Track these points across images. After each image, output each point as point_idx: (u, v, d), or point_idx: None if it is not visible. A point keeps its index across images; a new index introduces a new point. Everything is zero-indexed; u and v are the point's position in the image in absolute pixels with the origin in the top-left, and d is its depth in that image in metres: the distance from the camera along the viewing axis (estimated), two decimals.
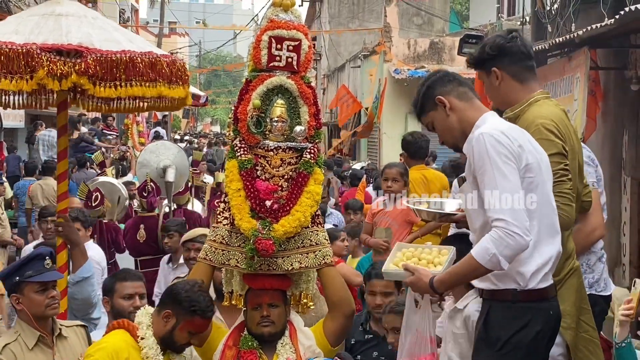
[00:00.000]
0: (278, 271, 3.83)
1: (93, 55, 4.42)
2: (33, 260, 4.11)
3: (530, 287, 3.21)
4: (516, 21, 15.51)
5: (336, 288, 3.92)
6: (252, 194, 3.82)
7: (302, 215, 3.80)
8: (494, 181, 3.13)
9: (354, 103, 20.19)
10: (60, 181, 5.11)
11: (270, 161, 3.90)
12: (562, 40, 8.00)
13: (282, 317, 3.86)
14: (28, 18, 4.78)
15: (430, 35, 22.67)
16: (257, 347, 3.80)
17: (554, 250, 3.29)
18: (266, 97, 3.90)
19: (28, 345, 4.02)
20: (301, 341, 3.86)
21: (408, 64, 19.40)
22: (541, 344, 3.25)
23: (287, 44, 3.91)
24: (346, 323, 3.95)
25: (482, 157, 3.18)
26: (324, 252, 3.89)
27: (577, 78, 7.84)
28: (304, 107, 3.93)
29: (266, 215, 3.81)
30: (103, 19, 5.13)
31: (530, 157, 3.23)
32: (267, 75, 3.92)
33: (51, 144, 16.42)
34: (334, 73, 29.06)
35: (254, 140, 3.89)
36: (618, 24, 6.47)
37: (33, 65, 4.33)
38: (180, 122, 41.46)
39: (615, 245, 8.30)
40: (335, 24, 29.10)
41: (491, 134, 3.18)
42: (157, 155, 10.00)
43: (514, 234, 3.05)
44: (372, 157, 20.44)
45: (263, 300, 3.83)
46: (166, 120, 28.84)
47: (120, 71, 4.46)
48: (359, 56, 22.48)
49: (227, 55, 62.15)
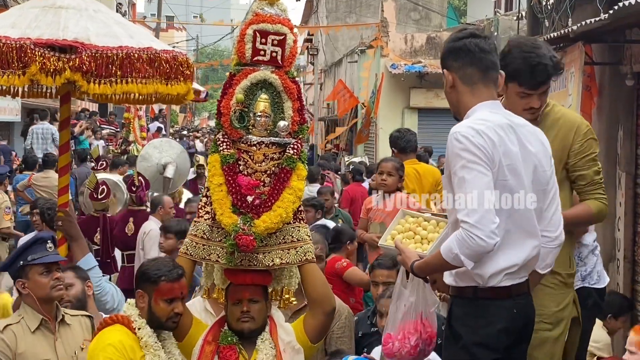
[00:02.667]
0: (259, 267, 3.81)
1: (88, 51, 4.41)
2: (35, 244, 4.17)
3: (491, 285, 3.20)
4: (513, 16, 15.51)
5: (316, 285, 3.87)
6: (233, 189, 3.79)
7: (284, 211, 3.76)
8: (463, 182, 3.11)
9: (351, 98, 20.19)
10: (62, 175, 5.12)
11: (252, 156, 3.86)
12: (557, 36, 8.00)
13: (262, 313, 3.84)
14: (29, 10, 4.76)
15: (427, 30, 22.65)
16: (237, 342, 3.79)
17: (523, 255, 3.24)
18: (250, 92, 3.86)
19: (30, 328, 4.06)
20: (281, 337, 3.84)
21: (405, 58, 19.39)
22: (502, 342, 3.21)
23: (272, 38, 3.87)
24: (326, 320, 3.92)
25: (453, 157, 3.16)
26: (305, 249, 3.85)
27: (571, 73, 7.84)
28: (287, 102, 3.89)
29: (247, 210, 3.77)
30: (105, 11, 5.08)
31: (506, 159, 3.18)
32: (251, 70, 3.88)
33: (45, 137, 16.41)
34: (331, 68, 29.04)
35: (236, 134, 3.85)
36: (612, 19, 6.46)
37: (26, 60, 4.32)
38: (178, 117, 41.45)
39: (609, 240, 8.31)
40: (333, 19, 29.09)
41: (464, 133, 3.14)
42: (160, 152, 10.08)
43: (475, 237, 3.04)
44: (368, 152, 20.44)
45: (243, 295, 3.81)
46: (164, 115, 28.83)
47: (115, 67, 4.44)
48: (356, 51, 22.46)
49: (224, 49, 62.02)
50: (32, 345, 4.03)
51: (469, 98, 3.32)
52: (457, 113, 3.41)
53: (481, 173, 3.10)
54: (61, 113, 5.14)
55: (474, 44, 3.33)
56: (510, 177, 3.19)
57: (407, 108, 19.01)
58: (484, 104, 3.30)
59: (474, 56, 3.32)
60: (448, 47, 3.39)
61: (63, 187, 5.09)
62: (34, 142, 16.37)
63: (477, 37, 3.37)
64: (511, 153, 3.20)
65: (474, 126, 3.17)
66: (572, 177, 3.71)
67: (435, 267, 3.28)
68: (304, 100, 4.02)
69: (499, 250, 3.16)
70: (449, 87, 3.37)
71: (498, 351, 3.21)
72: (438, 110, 17.35)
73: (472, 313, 3.23)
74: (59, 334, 4.14)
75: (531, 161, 3.28)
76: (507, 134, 3.22)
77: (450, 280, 3.33)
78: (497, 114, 3.30)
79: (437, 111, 17.62)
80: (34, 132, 16.51)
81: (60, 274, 4.18)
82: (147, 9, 56.21)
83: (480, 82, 3.32)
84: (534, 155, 3.29)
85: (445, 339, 3.37)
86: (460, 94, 3.35)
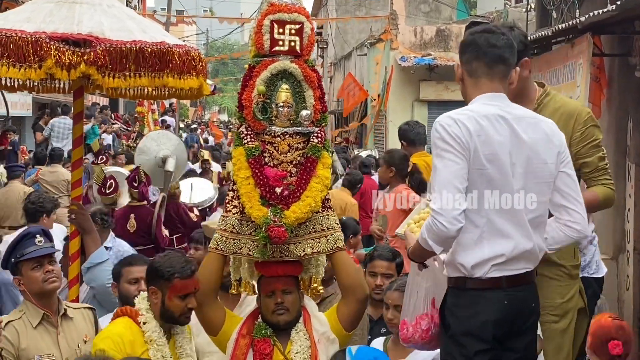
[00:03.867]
0: (290, 257, 3.80)
1: (102, 45, 4.44)
2: (23, 239, 4.17)
3: (479, 276, 3.25)
4: (522, 8, 15.47)
5: (348, 273, 3.87)
6: (261, 181, 3.77)
7: (313, 200, 3.76)
8: (435, 170, 3.25)
9: (360, 91, 20.17)
10: (75, 169, 5.16)
11: (277, 147, 3.85)
12: (565, 27, 7.99)
13: (296, 304, 3.84)
14: (43, 5, 4.79)
15: (437, 23, 22.60)
16: (271, 335, 3.78)
17: (510, 246, 3.26)
18: (270, 83, 3.84)
19: (32, 324, 4.08)
20: (315, 327, 3.84)
21: (414, 51, 19.36)
22: (489, 332, 3.24)
23: (289, 28, 3.85)
24: (360, 307, 3.91)
25: (432, 146, 3.29)
26: (335, 237, 3.85)
27: (579, 64, 7.83)
28: (309, 90, 3.88)
29: (277, 202, 3.77)
30: (119, 6, 5.13)
31: (485, 148, 3.21)
32: (270, 61, 3.86)
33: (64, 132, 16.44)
34: (340, 61, 29.02)
35: (260, 126, 3.84)
36: (620, 10, 6.45)
37: (42, 54, 4.36)
38: (188, 111, 41.53)
39: (619, 231, 8.30)
40: (342, 12, 29.05)
41: (442, 122, 3.26)
42: (158, 144, 9.96)
43: (438, 223, 3.16)
44: (378, 145, 20.43)
45: (276, 287, 3.81)
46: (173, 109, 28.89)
47: (129, 61, 4.48)
48: (366, 44, 22.44)
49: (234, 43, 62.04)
50: (34, 341, 4.04)
51: (472, 90, 3.42)
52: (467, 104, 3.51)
53: (451, 161, 3.20)
54: (75, 107, 5.18)
55: (484, 39, 3.39)
56: (490, 166, 3.23)
57: (417, 101, 18.98)
58: (482, 96, 3.37)
59: (480, 50, 3.39)
60: (463, 40, 3.52)
61: (76, 180, 5.13)
62: (53, 135, 16.38)
63: (490, 32, 3.43)
64: (493, 142, 3.24)
65: (453, 116, 3.28)
66: (577, 165, 3.68)
67: (419, 252, 3.37)
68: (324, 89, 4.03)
69: (484, 240, 3.24)
70: (459, 79, 3.49)
71: (486, 341, 3.24)
72: (448, 102, 17.29)
73: (461, 303, 3.29)
74: (62, 327, 4.16)
75: (524, 152, 3.30)
76: (493, 123, 3.27)
77: (445, 271, 3.41)
78: (490, 105, 3.34)
79: (447, 104, 17.54)
80: (54, 126, 16.51)
81: (53, 266, 4.16)
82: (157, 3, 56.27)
83: (484, 75, 3.39)
84: (528, 145, 3.31)
85: (440, 328, 3.45)
86: (466, 87, 3.46)
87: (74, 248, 5.05)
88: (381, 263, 4.87)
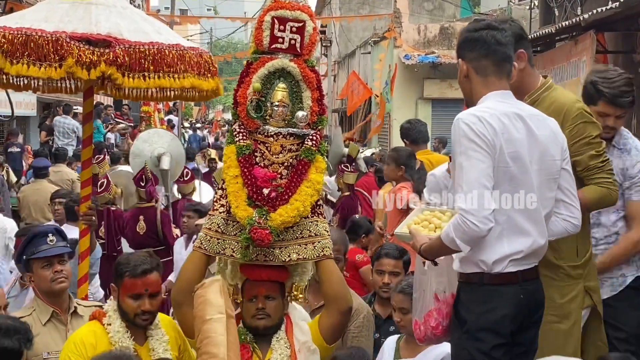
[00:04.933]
0: (275, 262, 3.64)
1: (121, 45, 4.45)
2: (35, 238, 4.20)
3: (497, 271, 3.25)
4: (525, 6, 15.46)
5: (332, 282, 3.67)
6: (249, 181, 3.64)
7: (302, 204, 3.61)
8: (460, 168, 3.19)
9: (364, 90, 20.18)
10: (84, 168, 5.17)
11: (269, 147, 3.70)
12: (569, 24, 8.00)
13: (278, 310, 3.67)
14: (58, 5, 4.78)
15: (440, 21, 22.61)
16: (251, 341, 3.63)
17: (529, 242, 3.28)
18: (267, 81, 3.70)
19: (41, 321, 4.10)
20: (296, 336, 3.66)
21: (418, 49, 19.37)
22: (507, 327, 3.25)
23: (291, 25, 3.71)
24: (341, 320, 3.71)
25: (455, 143, 3.24)
26: (323, 244, 3.67)
27: (583, 62, 7.83)
28: (306, 91, 3.72)
29: (263, 203, 3.62)
30: (132, 8, 5.17)
31: (508, 146, 3.21)
32: (269, 58, 3.72)
33: (65, 131, 16.50)
34: (344, 59, 29.03)
35: (253, 125, 3.70)
36: (624, 7, 6.46)
37: (62, 53, 4.37)
38: (192, 110, 41.56)
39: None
40: (346, 10, 29.06)
41: (465, 120, 3.20)
42: (150, 144, 9.75)
43: (468, 222, 3.11)
44: (382, 143, 20.44)
45: (259, 291, 3.65)
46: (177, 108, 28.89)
47: (148, 62, 4.49)
48: (369, 42, 22.44)
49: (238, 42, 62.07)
50: (43, 338, 4.03)
51: (480, 88, 3.37)
52: (470, 102, 3.47)
53: (479, 160, 3.16)
54: (84, 107, 5.20)
55: (491, 36, 3.37)
56: (513, 165, 3.23)
57: (421, 99, 19.00)
58: (494, 94, 3.35)
59: (489, 48, 3.37)
60: (465, 37, 3.44)
61: (86, 179, 5.15)
62: (56, 135, 16.42)
63: (495, 29, 3.41)
64: (515, 140, 3.25)
65: (476, 113, 3.23)
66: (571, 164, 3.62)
67: (438, 250, 3.33)
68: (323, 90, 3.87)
69: (503, 237, 3.23)
70: (463, 76, 3.42)
71: (503, 336, 3.25)
72: (452, 100, 17.31)
73: (478, 299, 3.27)
74: (71, 325, 4.16)
75: (538, 149, 3.31)
76: (512, 121, 3.27)
77: (457, 267, 3.38)
78: (504, 102, 3.34)
79: (450, 101, 17.59)
80: (56, 126, 16.54)
81: (62, 266, 4.18)
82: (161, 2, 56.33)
83: (493, 74, 3.37)
84: (540, 143, 3.33)
85: (452, 324, 3.41)
86: (473, 84, 3.40)
87: (84, 247, 5.07)
88: (388, 261, 4.85)
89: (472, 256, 3.25)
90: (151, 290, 3.70)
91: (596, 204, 3.76)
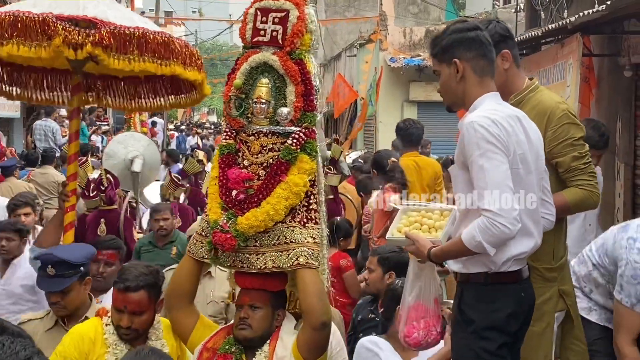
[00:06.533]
0: (251, 269, 3.45)
1: (107, 27, 4.44)
2: (39, 265, 4.19)
3: (502, 270, 3.27)
4: (511, 9, 15.50)
5: (307, 294, 3.38)
6: (220, 182, 3.49)
7: (272, 208, 3.38)
8: (482, 171, 3.15)
9: (350, 92, 20.17)
10: (70, 162, 5.14)
11: (250, 147, 3.52)
12: (555, 27, 8.01)
13: (262, 322, 3.45)
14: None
15: (426, 24, 22.64)
16: (235, 352, 3.43)
17: (532, 243, 3.32)
18: (250, 77, 3.53)
19: (46, 327, 4.11)
20: (277, 351, 3.42)
21: (404, 52, 19.39)
22: (513, 325, 3.29)
23: (273, 16, 3.51)
24: (316, 336, 3.39)
25: (472, 146, 3.18)
26: (298, 252, 3.39)
27: (569, 64, 7.84)
28: (290, 86, 3.48)
29: (230, 206, 3.45)
30: (118, 5, 5.15)
31: (518, 148, 3.23)
32: (253, 52, 3.55)
33: (46, 133, 16.43)
34: (330, 62, 29.02)
35: (236, 123, 3.54)
36: (610, 10, 6.47)
37: (50, 33, 4.38)
38: (177, 112, 41.40)
39: None
40: (331, 13, 29.05)
41: (481, 123, 3.17)
42: (125, 147, 9.63)
43: (499, 225, 3.10)
44: (368, 145, 20.43)
45: (243, 300, 3.48)
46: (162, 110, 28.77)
47: (133, 45, 4.45)
48: (355, 45, 22.45)
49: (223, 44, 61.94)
50: (43, 343, 3.96)
51: (476, 89, 3.34)
52: (458, 105, 3.43)
53: (500, 162, 3.15)
54: (71, 103, 5.18)
55: (483, 36, 3.37)
56: (521, 166, 3.26)
57: (407, 101, 19.01)
58: (489, 95, 3.34)
59: (485, 48, 3.36)
60: (458, 37, 3.37)
61: (71, 174, 5.10)
62: (36, 138, 16.38)
63: (482, 29, 3.41)
64: (521, 142, 3.26)
65: (490, 116, 3.21)
66: (553, 165, 3.63)
67: (455, 254, 3.31)
68: (316, 85, 3.55)
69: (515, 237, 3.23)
70: (459, 77, 3.35)
71: (508, 334, 3.28)
72: (437, 103, 17.06)
73: (484, 298, 3.28)
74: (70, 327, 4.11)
75: (533, 150, 3.34)
76: (516, 123, 3.28)
77: (459, 267, 3.36)
78: (502, 105, 3.37)
79: (436, 104, 17.50)
80: (37, 128, 16.50)
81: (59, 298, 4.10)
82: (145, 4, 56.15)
83: (488, 74, 3.37)
84: (534, 144, 3.36)
85: (454, 325, 3.41)
86: (469, 85, 3.35)
87: (68, 241, 4.98)
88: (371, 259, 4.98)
89: (481, 257, 3.24)
90: (131, 309, 3.62)
91: (577, 206, 3.73)
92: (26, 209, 7.21)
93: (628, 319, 3.95)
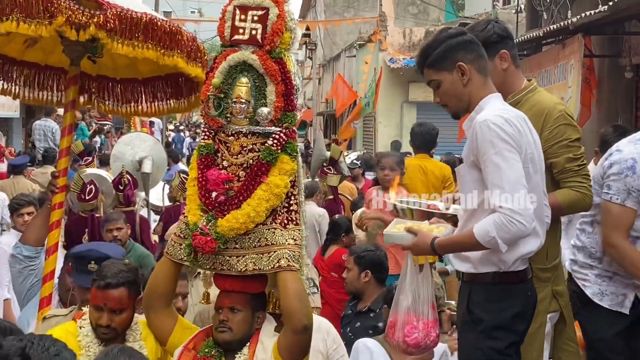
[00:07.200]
0: (232, 272, 3.38)
1: (113, 9, 4.34)
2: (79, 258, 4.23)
3: (510, 270, 3.27)
4: (511, 10, 15.49)
5: (288, 297, 3.32)
6: (199, 183, 3.42)
7: (253, 209, 3.32)
8: (498, 169, 3.15)
9: (349, 93, 20.18)
10: (62, 157, 5.03)
11: (230, 147, 3.45)
12: (557, 28, 8.00)
13: (243, 324, 3.40)
14: None
15: (425, 25, 22.65)
16: (215, 355, 3.39)
17: (538, 242, 3.32)
18: (229, 76, 3.46)
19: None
20: (257, 355, 3.37)
21: (403, 53, 19.39)
22: (521, 324, 3.31)
23: (252, 14, 3.43)
24: (296, 340, 3.33)
25: (486, 145, 3.17)
26: (279, 255, 3.34)
27: (571, 65, 7.83)
28: (270, 85, 3.40)
29: (210, 208, 3.38)
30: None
31: (528, 148, 3.25)
32: (231, 50, 3.47)
33: (46, 133, 16.41)
34: (329, 63, 29.03)
35: (215, 124, 3.47)
36: (612, 11, 6.46)
37: (52, 10, 4.22)
38: None
39: None
40: (331, 14, 29.08)
41: (495, 121, 3.17)
42: (132, 148, 9.58)
43: (516, 222, 3.10)
44: (367, 146, 20.44)
45: (223, 303, 3.41)
46: None
47: (139, 31, 4.37)
48: (355, 45, 22.45)
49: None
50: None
51: (481, 90, 3.34)
52: (463, 110, 3.40)
53: (515, 160, 3.16)
54: (67, 95, 5.06)
55: (475, 38, 3.38)
56: (531, 165, 3.27)
57: (406, 102, 19.02)
58: (494, 96, 3.35)
59: (481, 49, 3.37)
60: (454, 42, 3.35)
61: (63, 169, 4.98)
62: (35, 138, 16.36)
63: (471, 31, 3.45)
64: (530, 142, 3.28)
65: (502, 115, 3.21)
66: (547, 164, 3.59)
67: (462, 246, 3.30)
68: (296, 84, 3.51)
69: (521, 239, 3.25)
70: (466, 80, 3.33)
71: (516, 333, 3.29)
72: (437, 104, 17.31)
73: (493, 298, 3.28)
74: None
75: (537, 150, 3.36)
76: (525, 123, 3.29)
77: (468, 267, 3.34)
78: (506, 104, 3.37)
79: (436, 105, 17.54)
80: (36, 128, 16.49)
81: None
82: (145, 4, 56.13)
83: (488, 74, 3.39)
84: (537, 144, 3.37)
85: (463, 325, 3.40)
86: (474, 87, 3.34)
87: (52, 240, 4.84)
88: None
89: (492, 256, 3.24)
90: (111, 306, 3.55)
91: (569, 208, 3.72)
92: (29, 208, 7.17)
93: (621, 216, 3.90)
